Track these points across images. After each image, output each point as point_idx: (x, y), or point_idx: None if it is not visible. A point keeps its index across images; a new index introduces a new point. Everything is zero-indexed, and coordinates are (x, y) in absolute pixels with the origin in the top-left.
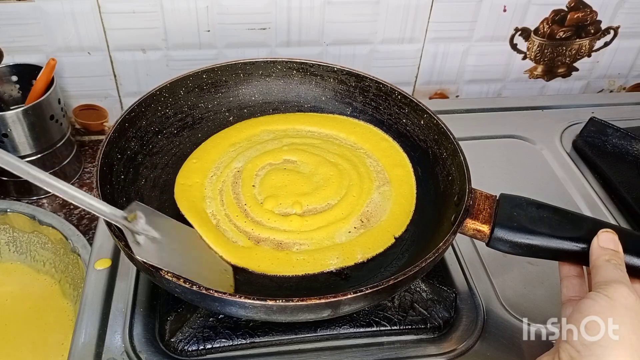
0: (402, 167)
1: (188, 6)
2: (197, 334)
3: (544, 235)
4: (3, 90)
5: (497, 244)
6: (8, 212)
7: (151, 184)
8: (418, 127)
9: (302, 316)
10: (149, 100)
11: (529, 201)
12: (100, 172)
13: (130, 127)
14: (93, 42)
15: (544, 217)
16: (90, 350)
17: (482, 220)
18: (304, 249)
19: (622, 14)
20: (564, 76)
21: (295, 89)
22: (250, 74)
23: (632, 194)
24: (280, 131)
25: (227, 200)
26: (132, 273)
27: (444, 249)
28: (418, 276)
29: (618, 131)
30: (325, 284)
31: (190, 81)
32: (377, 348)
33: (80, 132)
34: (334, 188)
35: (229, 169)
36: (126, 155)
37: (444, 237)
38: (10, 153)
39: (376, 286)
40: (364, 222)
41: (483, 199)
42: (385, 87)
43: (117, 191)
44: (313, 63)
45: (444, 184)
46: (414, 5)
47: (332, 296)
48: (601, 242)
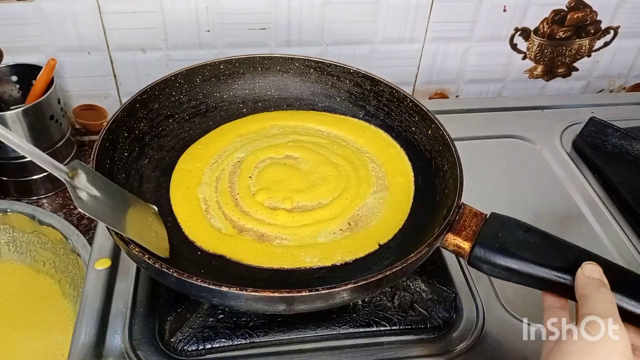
0: (404, 176)
1: (188, 6)
2: (196, 334)
3: (525, 260)
4: (3, 90)
5: (477, 263)
6: (8, 212)
7: (154, 164)
8: (425, 137)
9: (256, 306)
10: (163, 85)
11: (518, 223)
12: (101, 146)
13: (141, 108)
14: (93, 42)
15: (530, 241)
16: (90, 350)
17: (465, 237)
18: (284, 244)
19: (622, 14)
20: (564, 76)
21: (311, 87)
22: (268, 68)
23: (632, 194)
24: (289, 127)
25: (222, 188)
26: (132, 273)
27: (414, 261)
28: (382, 284)
29: (618, 131)
30: (297, 281)
31: (208, 70)
32: (377, 348)
33: (80, 132)
34: (328, 188)
35: (230, 158)
36: (133, 134)
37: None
38: (11, 153)
39: (333, 287)
40: (351, 225)
41: (471, 216)
42: (399, 93)
43: (118, 167)
44: (330, 63)
45: (440, 197)
46: (414, 5)
47: (286, 291)
48: (586, 272)
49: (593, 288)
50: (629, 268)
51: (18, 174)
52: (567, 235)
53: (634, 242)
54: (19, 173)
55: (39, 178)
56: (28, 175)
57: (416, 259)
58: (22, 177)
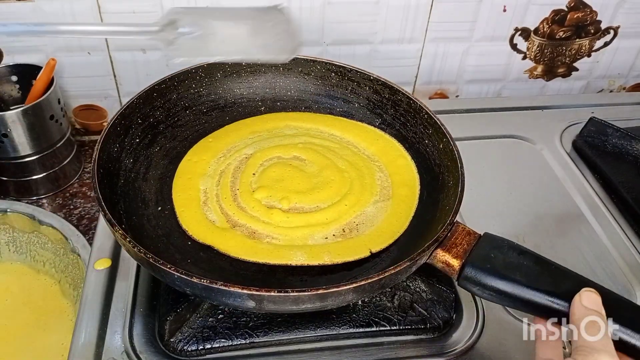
0: (409, 188)
1: (188, 6)
2: (196, 334)
3: (517, 283)
4: (3, 90)
5: (467, 283)
6: (8, 212)
7: (164, 152)
8: (437, 150)
9: (226, 301)
10: (183, 77)
11: (511, 245)
12: (111, 129)
13: (158, 97)
14: (93, 42)
15: (523, 264)
16: (90, 350)
17: (455, 254)
18: (273, 243)
19: (622, 14)
20: (564, 76)
21: (330, 91)
22: (290, 69)
23: (632, 194)
24: (303, 129)
25: (223, 182)
26: (132, 273)
27: (393, 274)
28: (358, 292)
29: (618, 131)
30: (280, 281)
31: (229, 66)
32: (376, 348)
33: (80, 132)
34: (328, 193)
35: (238, 153)
36: (148, 122)
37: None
38: (10, 153)
39: (303, 291)
40: (345, 231)
41: (464, 234)
42: (415, 104)
43: (126, 151)
44: (351, 68)
45: (440, 212)
46: (414, 5)
47: (255, 289)
48: (584, 300)
49: (588, 320)
50: (629, 268)
51: (18, 174)
52: (567, 235)
53: (634, 242)
54: (19, 173)
55: (39, 178)
56: (28, 175)
57: (396, 272)
58: (22, 177)
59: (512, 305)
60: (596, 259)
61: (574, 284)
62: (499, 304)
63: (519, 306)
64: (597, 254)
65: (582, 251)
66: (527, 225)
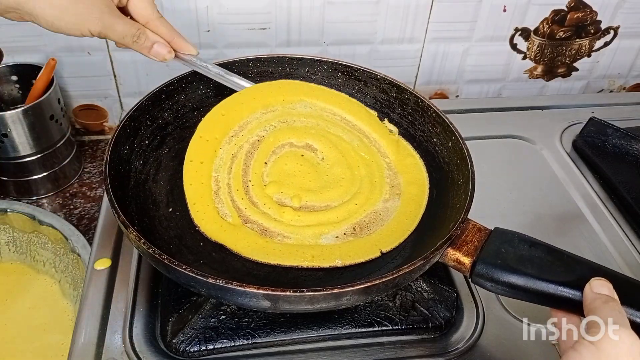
0: (419, 187)
1: (188, 6)
2: (198, 334)
3: (529, 276)
4: (3, 90)
5: (479, 279)
6: (8, 212)
7: (173, 154)
8: (445, 149)
9: (241, 301)
10: (191, 78)
11: (522, 238)
12: (120, 131)
13: (166, 99)
14: (93, 42)
15: (535, 256)
16: (90, 350)
17: (466, 252)
18: (285, 242)
19: (622, 14)
20: (564, 76)
21: (337, 91)
22: (297, 69)
23: (632, 194)
24: (317, 108)
25: (235, 170)
26: (132, 273)
27: (407, 272)
28: (371, 292)
29: (618, 131)
30: (293, 280)
31: (236, 67)
32: (378, 348)
33: (80, 132)
34: (339, 192)
35: (250, 134)
36: (157, 123)
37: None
38: (10, 153)
39: (318, 290)
40: (356, 230)
41: (474, 231)
42: (423, 102)
43: (137, 153)
44: (358, 68)
45: (450, 211)
46: (414, 5)
47: (270, 289)
48: (594, 288)
49: (601, 302)
50: (629, 268)
51: (18, 174)
52: (567, 235)
53: (634, 242)
54: (19, 173)
55: (39, 178)
56: (28, 175)
57: (410, 271)
58: (22, 177)
59: (527, 298)
60: (596, 259)
61: (587, 271)
62: (514, 298)
63: (533, 299)
64: (597, 254)
65: (582, 251)
66: (527, 225)
